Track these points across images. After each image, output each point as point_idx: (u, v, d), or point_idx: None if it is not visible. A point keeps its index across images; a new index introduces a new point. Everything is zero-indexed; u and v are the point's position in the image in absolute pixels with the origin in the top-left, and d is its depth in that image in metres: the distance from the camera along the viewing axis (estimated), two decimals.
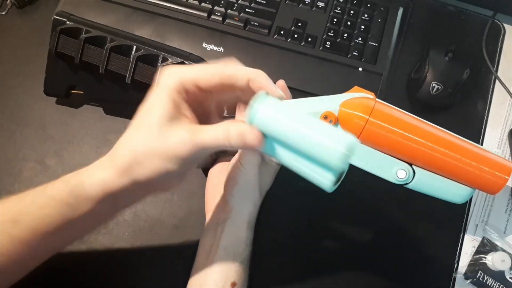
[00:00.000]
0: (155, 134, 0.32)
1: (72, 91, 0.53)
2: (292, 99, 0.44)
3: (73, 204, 0.34)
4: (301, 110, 0.41)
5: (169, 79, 0.34)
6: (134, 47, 0.49)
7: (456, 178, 0.40)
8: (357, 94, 0.41)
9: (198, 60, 0.49)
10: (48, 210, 0.34)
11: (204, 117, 0.38)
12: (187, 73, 0.34)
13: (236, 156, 0.43)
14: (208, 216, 0.45)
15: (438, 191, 0.41)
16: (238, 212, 0.42)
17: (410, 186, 0.41)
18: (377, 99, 0.41)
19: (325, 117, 0.40)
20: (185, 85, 0.34)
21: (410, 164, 0.40)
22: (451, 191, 0.41)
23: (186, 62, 0.49)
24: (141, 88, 0.49)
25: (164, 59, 0.48)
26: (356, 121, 0.39)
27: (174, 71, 0.34)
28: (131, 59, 0.48)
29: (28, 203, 0.35)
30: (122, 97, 0.52)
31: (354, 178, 0.53)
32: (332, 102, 0.41)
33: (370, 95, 0.41)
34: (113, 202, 0.35)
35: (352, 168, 0.41)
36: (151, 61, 0.48)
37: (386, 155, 0.40)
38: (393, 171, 0.40)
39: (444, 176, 0.40)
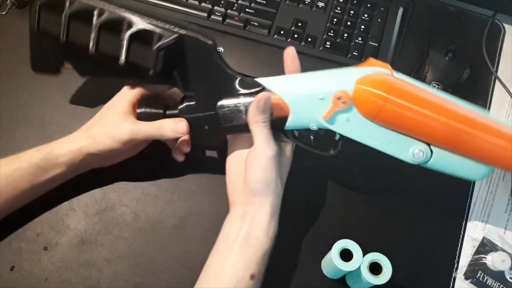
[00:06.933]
0: (110, 123, 0.47)
1: (62, 67, 0.49)
2: (302, 73, 0.42)
3: (45, 168, 0.45)
4: (313, 88, 0.39)
5: (129, 92, 0.48)
6: (125, 21, 0.43)
7: (479, 158, 0.38)
8: (373, 69, 0.38)
9: (197, 29, 0.44)
10: (21, 172, 0.44)
11: None
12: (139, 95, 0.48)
13: (252, 150, 0.43)
14: (232, 208, 0.45)
15: (456, 170, 0.39)
16: (261, 205, 0.42)
17: (426, 165, 0.39)
18: (394, 74, 0.38)
19: (338, 98, 0.38)
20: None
21: (428, 144, 0.38)
22: (469, 169, 0.39)
23: (183, 33, 0.43)
24: (137, 65, 0.45)
25: (160, 37, 0.43)
26: (374, 100, 0.36)
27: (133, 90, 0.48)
28: (123, 39, 0.43)
29: (3, 166, 0.44)
30: (117, 72, 0.47)
31: (353, 178, 0.54)
32: (346, 79, 0.38)
33: (386, 69, 0.38)
34: (74, 167, 0.47)
35: (352, 165, 0.41)
36: (145, 38, 0.44)
37: (402, 135, 0.38)
38: (410, 151, 0.38)
39: (465, 156, 0.38)
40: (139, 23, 0.43)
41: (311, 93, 0.39)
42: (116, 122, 0.46)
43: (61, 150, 0.46)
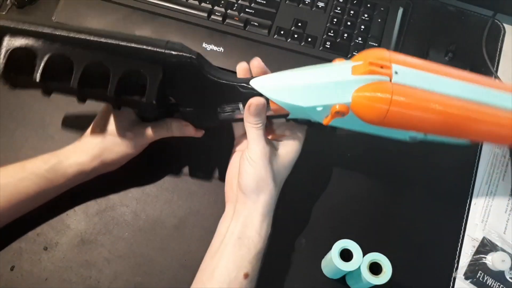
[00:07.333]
0: (122, 129, 0.47)
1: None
2: (297, 72, 0.44)
3: (51, 179, 0.45)
4: (310, 101, 0.41)
5: None
6: (104, 66, 0.40)
7: (482, 141, 0.44)
8: (370, 77, 0.39)
9: (179, 45, 0.42)
10: (27, 182, 0.44)
11: None
12: None
13: (246, 147, 0.44)
14: (227, 206, 0.46)
15: (451, 141, 0.44)
16: (253, 204, 0.43)
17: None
18: (394, 80, 0.39)
19: (337, 112, 0.40)
20: None
21: None
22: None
23: (165, 54, 0.40)
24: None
25: (143, 78, 0.40)
26: (378, 106, 0.38)
27: None
28: (109, 96, 0.41)
29: (8, 176, 0.44)
30: None
31: (352, 176, 0.54)
32: (344, 90, 0.40)
33: (384, 76, 0.39)
34: (82, 177, 0.47)
35: (352, 165, 0.41)
36: (129, 82, 0.41)
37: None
38: (407, 135, 0.43)
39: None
40: (118, 66, 0.40)
41: (308, 106, 0.41)
42: (128, 128, 0.47)
43: (70, 162, 0.46)
